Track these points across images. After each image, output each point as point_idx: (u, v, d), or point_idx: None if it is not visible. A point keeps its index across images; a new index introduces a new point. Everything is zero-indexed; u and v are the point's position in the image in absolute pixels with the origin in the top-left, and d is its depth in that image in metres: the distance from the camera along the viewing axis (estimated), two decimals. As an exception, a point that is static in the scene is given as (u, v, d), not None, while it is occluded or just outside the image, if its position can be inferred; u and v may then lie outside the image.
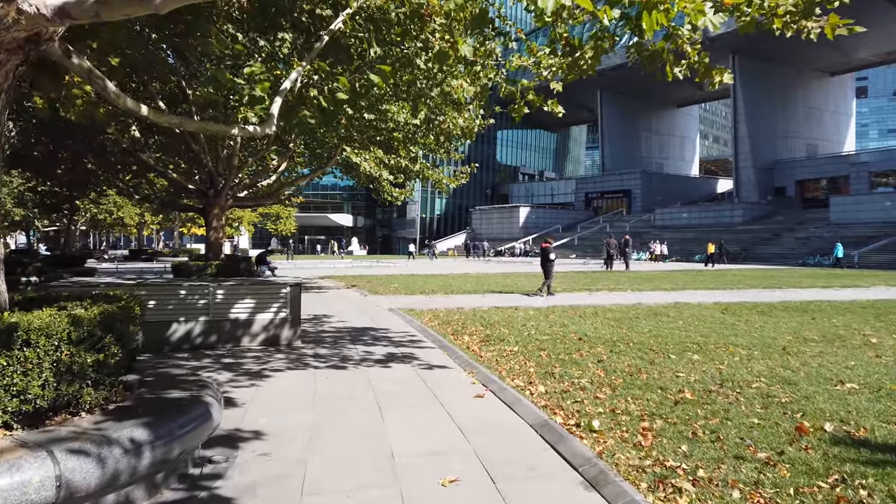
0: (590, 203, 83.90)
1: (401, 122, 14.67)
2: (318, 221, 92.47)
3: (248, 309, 9.27)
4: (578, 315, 12.46)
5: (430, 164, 19.08)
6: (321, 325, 11.65)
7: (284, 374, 7.23)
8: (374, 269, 35.18)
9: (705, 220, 61.52)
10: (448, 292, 18.54)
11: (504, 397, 6.01)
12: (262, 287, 9.42)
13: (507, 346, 8.84)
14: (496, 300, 16.04)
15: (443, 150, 17.66)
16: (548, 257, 17.96)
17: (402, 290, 19.18)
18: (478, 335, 9.90)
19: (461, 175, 18.72)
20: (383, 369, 7.55)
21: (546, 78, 9.01)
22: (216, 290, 9.18)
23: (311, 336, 10.16)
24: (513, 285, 21.19)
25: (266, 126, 6.86)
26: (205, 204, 17.88)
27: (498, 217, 79.64)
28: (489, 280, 24.00)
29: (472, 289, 19.61)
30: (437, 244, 79.09)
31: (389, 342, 9.57)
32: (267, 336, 9.31)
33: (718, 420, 5.10)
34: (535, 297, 17.31)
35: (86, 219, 52.52)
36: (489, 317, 12.31)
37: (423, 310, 13.79)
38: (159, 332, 8.96)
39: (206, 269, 17.21)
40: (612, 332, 10.03)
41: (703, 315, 12.43)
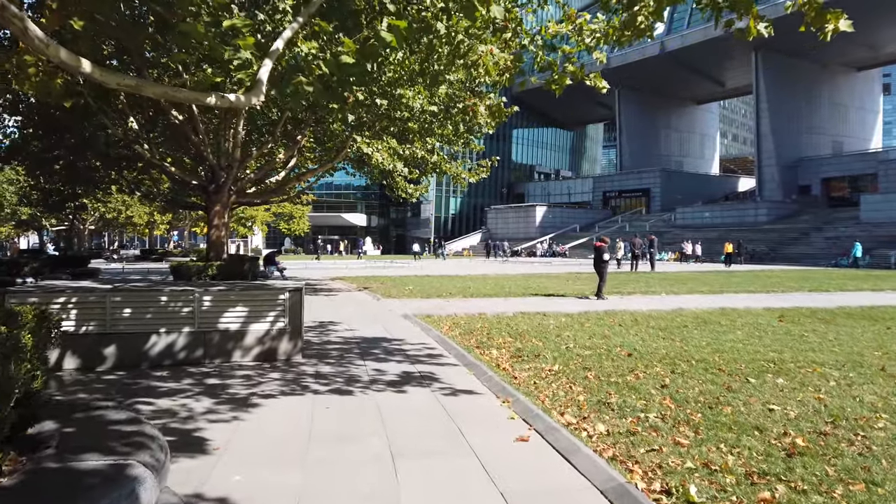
0: (607, 202, 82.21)
1: (416, 110, 13.32)
2: (331, 221, 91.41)
3: (240, 318, 7.94)
4: (618, 323, 11.04)
5: (448, 158, 17.72)
6: (327, 334, 10.30)
7: (277, 402, 5.88)
8: (387, 270, 33.85)
9: (728, 219, 59.68)
10: (467, 295, 17.16)
11: (555, 441, 4.62)
12: (256, 293, 8.08)
13: (544, 363, 7.44)
14: (520, 304, 14.64)
15: (461, 142, 16.30)
16: (601, 258, 16.54)
17: (418, 293, 17.82)
18: (507, 349, 8.51)
19: (481, 169, 17.34)
20: (397, 395, 6.18)
21: (589, 47, 7.64)
22: (202, 297, 7.85)
23: (314, 349, 8.82)
24: (536, 287, 19.77)
25: (252, 95, 5.53)
26: (206, 200, 16.63)
27: (514, 216, 78.07)
28: (509, 282, 22.58)
29: (493, 292, 18.21)
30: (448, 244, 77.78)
31: (404, 357, 8.20)
32: (262, 350, 7.98)
33: (863, 486, 3.68)
34: (590, 300, 15.94)
35: (94, 218, 51.63)
36: (516, 325, 10.92)
37: (442, 316, 12.42)
38: (136, 345, 7.65)
39: (207, 271, 15.95)
40: (664, 345, 8.60)
41: (760, 324, 10.96)
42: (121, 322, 7.65)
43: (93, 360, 7.54)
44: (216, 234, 16.52)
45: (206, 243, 17.06)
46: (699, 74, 75.52)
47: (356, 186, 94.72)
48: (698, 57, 69.50)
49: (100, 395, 6.24)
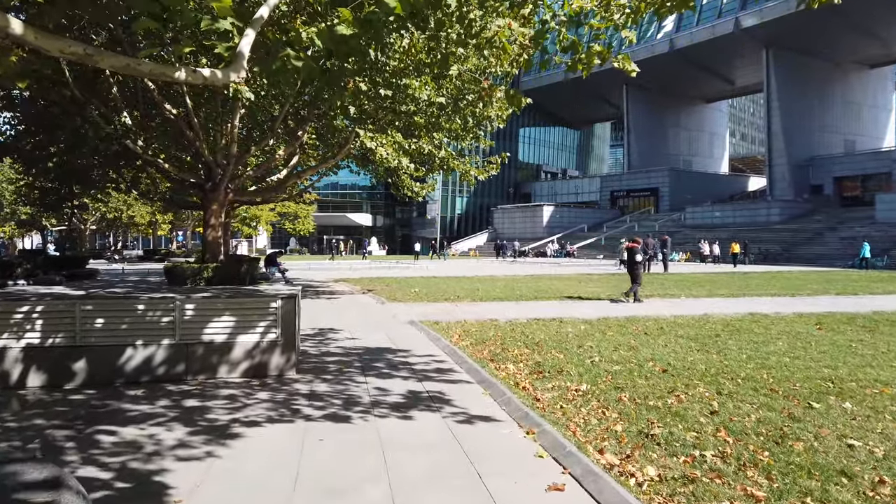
0: (615, 202, 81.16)
1: (422, 101, 12.46)
2: (336, 221, 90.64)
3: (226, 329, 7.09)
4: (642, 331, 10.15)
5: (456, 154, 16.85)
6: (326, 343, 9.45)
7: (261, 433, 5.02)
8: (392, 271, 33.00)
9: (739, 218, 58.63)
10: (476, 299, 16.29)
11: (598, 492, 3.73)
12: (244, 301, 7.21)
13: (569, 381, 6.57)
14: (534, 309, 13.76)
15: (470, 137, 15.43)
16: (634, 259, 15.70)
17: (424, 296, 16.97)
18: (525, 362, 7.63)
19: (490, 166, 16.46)
20: (402, 422, 5.31)
21: (617, 24, 6.81)
22: (184, 305, 7.00)
23: (310, 362, 7.96)
24: (547, 290, 18.88)
25: (232, 70, 4.71)
26: (202, 199, 15.80)
27: (521, 216, 77.13)
28: (519, 284, 21.69)
29: (503, 295, 17.33)
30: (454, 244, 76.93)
31: (411, 372, 7.33)
32: (251, 364, 7.12)
33: None
34: (624, 303, 15.09)
35: (95, 218, 50.92)
36: (532, 333, 10.04)
37: (450, 322, 11.56)
38: (109, 359, 6.81)
39: (203, 273, 15.13)
40: (701, 359, 7.70)
41: (799, 332, 10.05)
42: (92, 333, 6.81)
43: (60, 376, 6.70)
44: (212, 234, 15.70)
45: (202, 244, 16.25)
46: (708, 72, 74.45)
47: (361, 186, 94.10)
48: (708, 54, 68.47)
49: (59, 419, 5.40)
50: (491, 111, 13.72)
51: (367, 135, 12.06)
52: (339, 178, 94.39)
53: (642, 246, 31.30)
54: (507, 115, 14.32)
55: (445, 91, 13.09)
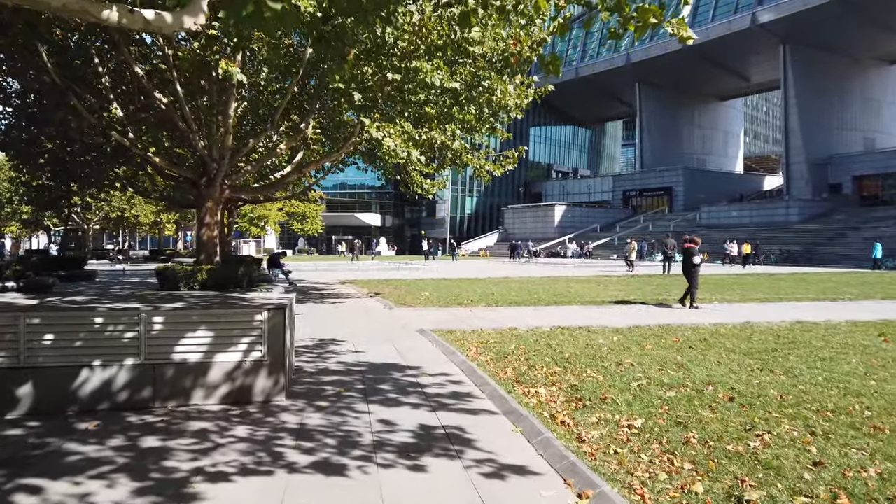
0: (628, 201, 79.75)
1: (434, 87, 11.26)
2: (345, 221, 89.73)
3: (202, 346, 5.92)
4: (685, 344, 8.91)
5: (470, 148, 15.65)
6: (326, 357, 8.27)
7: (227, 492, 3.84)
8: (401, 273, 31.83)
9: (757, 218, 57.13)
10: (491, 303, 15.10)
11: None
12: (223, 312, 6.03)
13: (617, 412, 5.36)
14: (556, 316, 12.54)
15: (486, 128, 14.23)
16: (692, 261, 14.51)
17: (435, 301, 15.78)
18: (558, 385, 6.42)
19: (506, 161, 15.24)
20: (412, 475, 4.11)
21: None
22: (151, 318, 5.84)
23: (305, 382, 6.78)
24: (566, 293, 17.66)
25: (187, 13, 3.54)
26: (196, 196, 14.66)
27: (532, 216, 75.83)
28: (535, 287, 20.46)
29: (520, 298, 16.12)
30: (464, 244, 75.77)
31: (422, 397, 6.13)
32: (232, 388, 5.95)
33: None
34: (676, 308, 13.98)
35: (99, 218, 50.02)
36: (559, 345, 8.83)
37: (465, 331, 10.36)
38: (60, 383, 5.66)
39: (196, 275, 14.00)
40: (768, 382, 6.44)
41: (864, 345, 8.78)
42: (40, 352, 5.66)
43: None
44: (208, 233, 14.56)
45: (196, 244, 15.12)
46: (723, 69, 72.92)
47: (370, 186, 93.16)
48: (723, 51, 66.97)
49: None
50: (509, 98, 12.50)
51: (372, 124, 10.88)
52: (348, 177, 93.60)
53: (662, 246, 30.07)
54: (527, 104, 13.11)
55: (459, 77, 11.88)
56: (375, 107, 12.05)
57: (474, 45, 11.45)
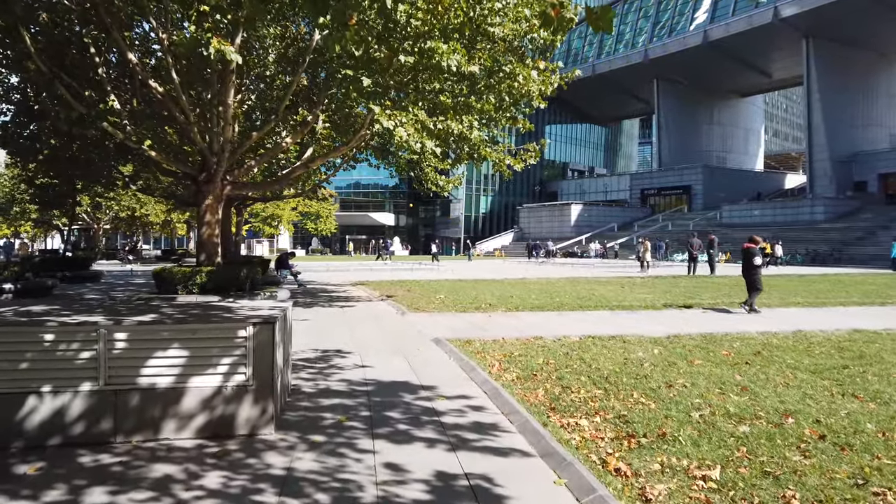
0: (645, 200, 78.26)
1: (451, 71, 10.21)
2: (359, 221, 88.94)
3: (174, 368, 4.90)
4: (739, 358, 7.79)
5: (488, 140, 14.60)
6: (328, 374, 7.25)
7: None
8: (415, 273, 30.83)
9: (780, 217, 55.56)
10: (511, 307, 14.03)
11: None
12: (200, 328, 5.01)
13: (682, 454, 4.28)
14: (584, 322, 11.46)
15: (507, 119, 13.17)
16: (753, 261, 13.30)
17: (451, 305, 14.74)
18: (602, 414, 5.34)
19: (528, 154, 14.16)
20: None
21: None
22: (113, 335, 4.83)
23: (300, 407, 5.76)
24: (589, 296, 16.55)
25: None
26: (195, 192, 13.74)
27: (548, 215, 74.59)
28: (556, 289, 19.36)
29: (541, 302, 15.04)
30: (479, 244, 74.74)
31: (439, 429, 5.08)
32: (210, 419, 4.93)
33: None
34: (738, 313, 12.92)
35: (109, 217, 49.38)
36: (594, 359, 7.76)
37: (486, 341, 9.32)
38: (1, 413, 4.69)
39: (195, 278, 13.06)
40: (856, 410, 5.30)
41: (948, 361, 7.66)
42: (-23, 376, 4.68)
43: (-73, 439, 4.59)
44: (208, 232, 13.62)
45: (196, 244, 14.18)
46: (744, 65, 71.28)
47: (384, 186, 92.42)
48: (744, 46, 65.40)
49: None
50: (532, 84, 11.43)
51: (383, 112, 9.86)
52: (362, 177, 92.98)
53: (687, 246, 28.83)
54: (552, 91, 12.02)
55: (478, 61, 10.82)
56: (386, 94, 11.02)
57: (495, 25, 10.41)
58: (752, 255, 13.30)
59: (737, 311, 13.29)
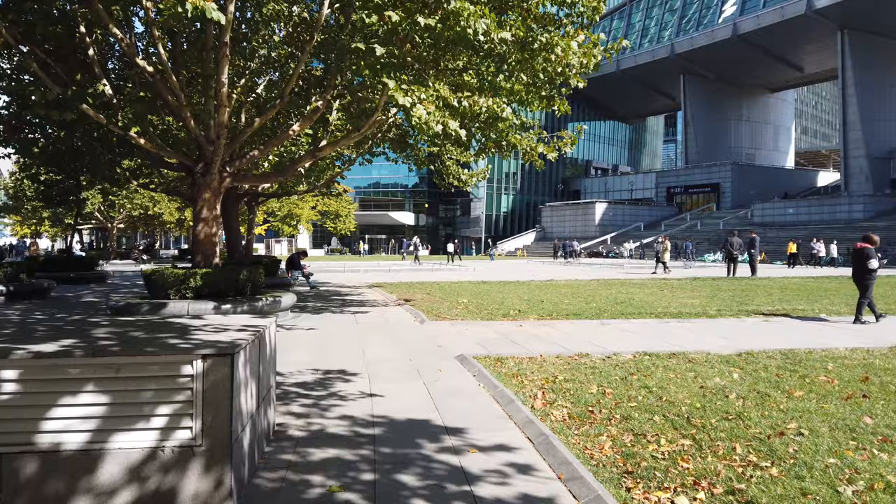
0: (672, 198, 76.13)
1: (478, 39, 8.64)
2: (378, 220, 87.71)
3: (87, 422, 3.38)
4: (852, 389, 6.10)
5: (518, 126, 12.98)
6: (326, 407, 5.70)
7: None
8: (435, 274, 29.31)
9: (816, 215, 53.29)
10: (543, 314, 12.42)
11: None
12: (130, 363, 3.47)
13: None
14: (631, 335, 9.83)
15: (540, 101, 11.52)
16: (867, 264, 11.42)
17: (476, 310, 13.17)
18: (705, 483, 3.71)
19: (562, 142, 12.51)
20: None
21: None
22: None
23: (280, 462, 4.21)
24: (628, 301, 14.88)
25: None
26: (190, 184, 12.28)
27: (571, 214, 72.74)
28: (588, 292, 17.70)
29: (577, 309, 13.41)
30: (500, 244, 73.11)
31: (473, 509, 3.55)
32: (140, 496, 3.40)
33: None
34: (859, 324, 11.21)
35: (122, 216, 48.42)
36: (660, 386, 6.14)
37: (521, 359, 7.73)
38: None
39: (189, 281, 11.60)
40: None
41: None
42: None
43: None
44: (205, 230, 12.16)
45: (192, 243, 12.74)
46: (774, 59, 68.89)
47: (403, 185, 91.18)
48: (775, 39, 63.10)
49: None
50: (572, 57, 9.79)
51: (398, 87, 8.29)
52: (381, 176, 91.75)
53: (726, 245, 26.99)
54: (595, 66, 10.37)
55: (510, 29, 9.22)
56: (403, 67, 9.45)
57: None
58: (867, 258, 11.38)
59: (810, 321, 11.57)
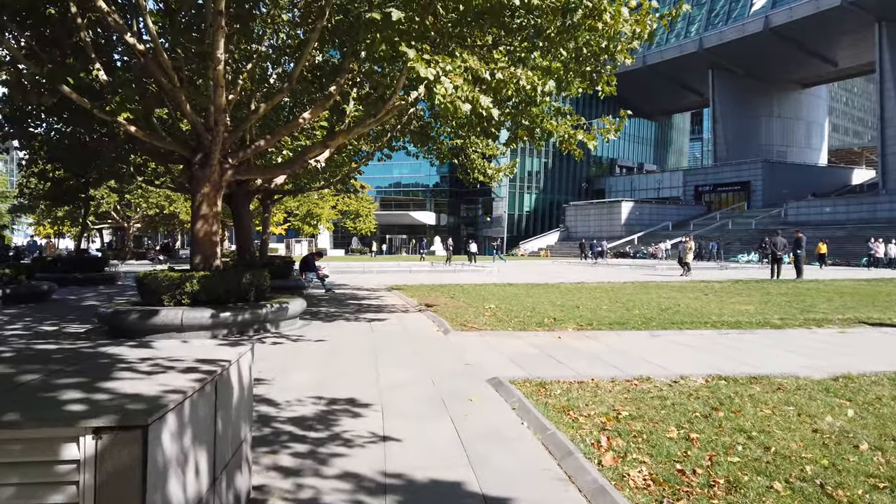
0: (700, 197, 74.02)
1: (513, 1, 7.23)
2: (399, 220, 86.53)
3: None
4: None
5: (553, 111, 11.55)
6: (325, 459, 4.33)
7: None
8: (458, 275, 27.92)
9: (854, 214, 51.08)
10: (582, 323, 10.97)
11: None
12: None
13: None
14: (689, 348, 8.36)
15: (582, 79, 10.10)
16: None
17: (506, 318, 11.75)
18: None
19: (604, 130, 11.05)
20: None
21: None
22: None
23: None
24: (674, 308, 13.37)
25: None
26: (189, 177, 11.01)
27: (596, 213, 70.95)
28: (626, 296, 16.20)
29: (618, 316, 11.94)
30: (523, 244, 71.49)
31: None
32: None
33: None
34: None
35: (139, 215, 47.61)
36: (759, 429, 4.70)
37: (567, 383, 6.31)
38: None
39: (185, 286, 10.32)
40: None
41: None
42: None
43: None
44: (204, 229, 10.89)
45: (191, 243, 11.48)
46: (807, 53, 66.61)
47: (424, 185, 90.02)
48: (808, 32, 60.93)
49: None
50: (622, 25, 8.34)
51: (419, 57, 6.92)
52: (402, 175, 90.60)
53: (770, 246, 25.28)
54: (648, 36, 8.92)
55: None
56: (424, 38, 8.08)
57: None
58: None
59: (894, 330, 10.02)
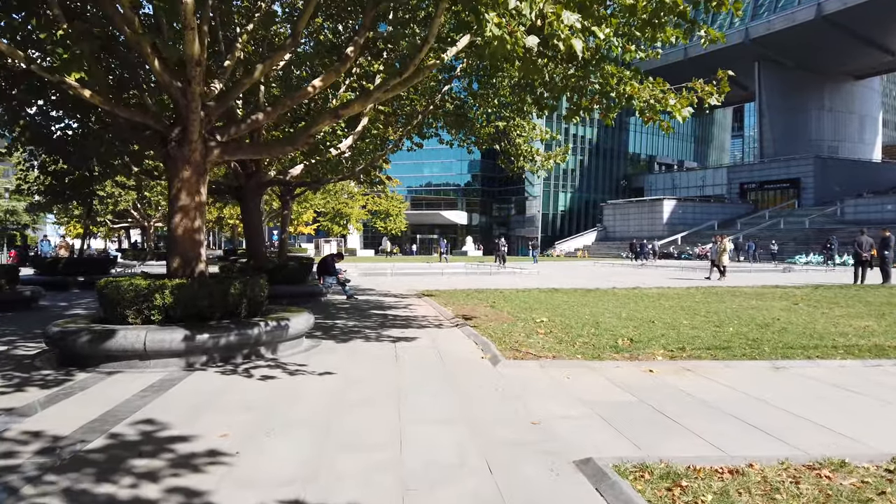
0: (745, 195, 70.44)
1: None
2: (430, 219, 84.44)
3: None
4: None
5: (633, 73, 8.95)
6: None
7: None
8: (495, 279, 25.35)
9: (921, 212, 47.50)
10: (670, 347, 8.34)
11: None
12: None
13: None
14: (833, 388, 5.71)
15: (682, 23, 7.49)
16: None
17: (565, 336, 9.16)
18: None
19: (706, 92, 8.41)
20: None
21: None
22: None
23: None
24: (770, 323, 10.66)
25: None
26: (164, 157, 8.59)
27: (636, 212, 67.77)
28: (705, 307, 13.49)
29: (710, 335, 9.29)
30: (558, 244, 68.64)
31: None
32: None
33: None
34: None
35: (160, 214, 45.85)
36: None
37: (704, 472, 3.72)
38: None
39: (153, 297, 7.91)
40: None
41: None
42: None
43: None
44: (183, 223, 8.48)
45: (168, 242, 9.09)
46: (862, 41, 62.67)
47: (455, 184, 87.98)
48: (863, 19, 57.12)
49: None
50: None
51: None
52: (433, 174, 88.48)
53: (854, 247, 22.26)
54: None
55: None
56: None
57: None
58: None
59: None
